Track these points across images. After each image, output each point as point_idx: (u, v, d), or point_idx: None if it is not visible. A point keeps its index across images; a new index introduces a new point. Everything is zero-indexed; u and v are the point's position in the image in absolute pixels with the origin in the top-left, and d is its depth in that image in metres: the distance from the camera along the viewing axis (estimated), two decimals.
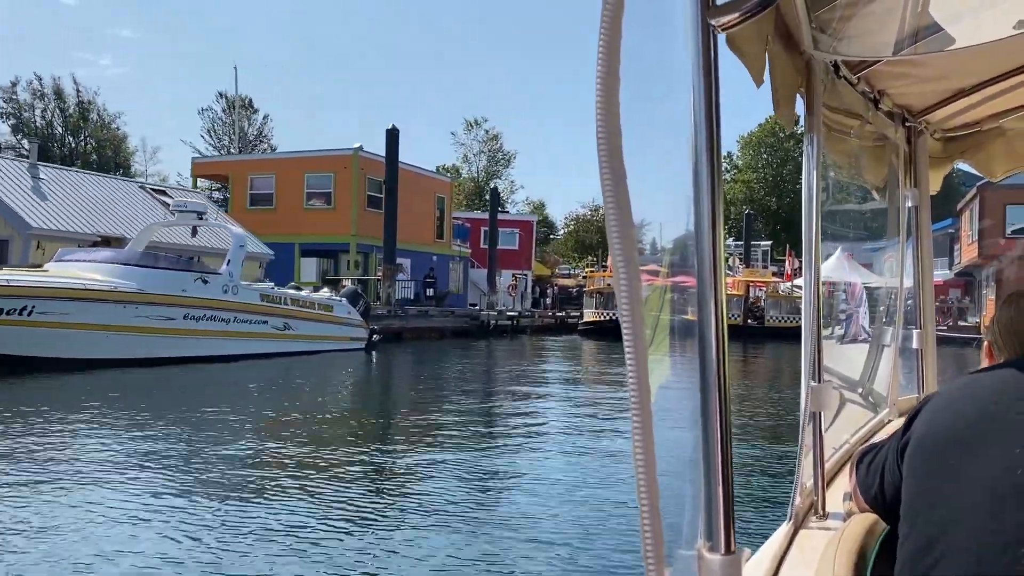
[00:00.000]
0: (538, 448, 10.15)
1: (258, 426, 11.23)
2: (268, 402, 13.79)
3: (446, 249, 39.67)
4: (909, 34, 1.87)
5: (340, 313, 22.29)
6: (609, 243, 0.98)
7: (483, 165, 72.30)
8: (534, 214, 73.91)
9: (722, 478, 1.09)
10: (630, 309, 0.97)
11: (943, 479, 1.25)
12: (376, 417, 12.85)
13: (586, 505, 7.14)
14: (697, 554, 1.10)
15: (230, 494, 7.28)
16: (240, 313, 19.23)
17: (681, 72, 1.13)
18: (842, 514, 1.81)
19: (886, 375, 3.04)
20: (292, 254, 33.80)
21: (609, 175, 0.96)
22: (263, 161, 35.36)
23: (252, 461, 8.78)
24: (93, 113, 63.28)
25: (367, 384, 18.19)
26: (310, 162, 34.41)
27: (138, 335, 17.03)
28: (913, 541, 1.26)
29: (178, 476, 7.83)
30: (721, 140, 1.12)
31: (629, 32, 0.96)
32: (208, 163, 37.93)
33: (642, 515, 0.99)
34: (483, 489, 7.87)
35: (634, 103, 0.99)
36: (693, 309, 1.12)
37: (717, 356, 1.09)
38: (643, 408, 0.98)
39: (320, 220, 33.41)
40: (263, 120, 67.18)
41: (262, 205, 34.74)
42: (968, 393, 1.34)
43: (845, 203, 2.65)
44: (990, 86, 2.52)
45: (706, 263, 1.10)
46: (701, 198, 1.09)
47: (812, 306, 1.99)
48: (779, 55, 1.69)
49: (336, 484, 7.72)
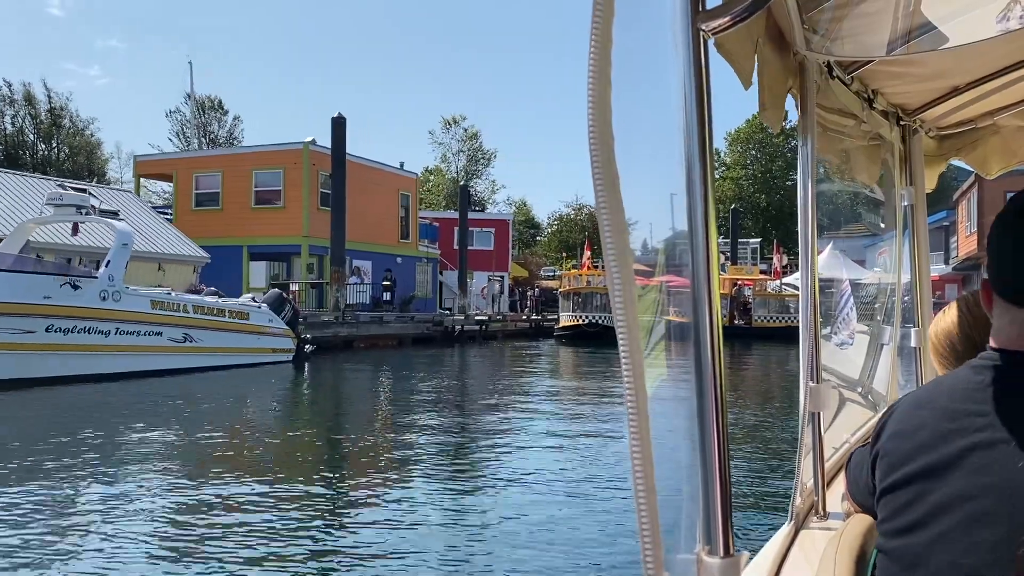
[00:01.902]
0: (491, 483, 8.19)
1: (88, 462, 8.65)
2: (120, 430, 11.02)
3: (412, 250, 37.17)
4: (902, 33, 1.87)
5: (258, 321, 19.51)
6: (603, 248, 0.97)
7: (463, 164, 70.15)
8: (517, 214, 72.17)
9: (719, 481, 1.10)
10: (625, 313, 0.98)
11: (910, 501, 1.19)
12: (269, 449, 10.33)
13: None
14: (696, 558, 1.10)
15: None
16: (124, 323, 16.44)
17: (672, 75, 1.13)
18: (842, 514, 1.78)
19: (885, 374, 3.05)
20: (240, 258, 31.32)
21: (602, 180, 0.96)
22: (208, 158, 32.64)
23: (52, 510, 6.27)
24: (65, 119, 61.60)
25: (276, 405, 15.22)
26: (258, 158, 31.88)
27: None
28: (888, 563, 1.21)
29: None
30: (714, 143, 1.12)
31: (620, 36, 0.96)
32: (151, 161, 35.20)
33: (640, 520, 0.99)
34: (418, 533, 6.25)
35: (625, 107, 0.98)
36: (687, 311, 1.12)
37: (713, 358, 1.09)
38: (640, 412, 0.99)
39: (270, 221, 30.90)
40: (233, 121, 65.18)
41: (208, 205, 32.20)
42: (927, 404, 1.26)
43: (840, 203, 2.76)
44: (984, 83, 2.51)
45: (700, 265, 1.10)
46: (694, 201, 1.10)
47: (809, 307, 2.00)
48: (770, 57, 1.71)
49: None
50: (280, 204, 31.08)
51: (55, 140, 61.52)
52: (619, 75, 0.96)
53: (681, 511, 1.15)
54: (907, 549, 1.16)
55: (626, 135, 0.98)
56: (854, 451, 1.61)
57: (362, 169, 33.75)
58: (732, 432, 12.91)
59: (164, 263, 24.57)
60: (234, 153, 34.12)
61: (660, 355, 1.13)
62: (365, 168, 34.06)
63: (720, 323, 1.11)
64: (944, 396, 1.22)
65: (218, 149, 35.66)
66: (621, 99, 0.96)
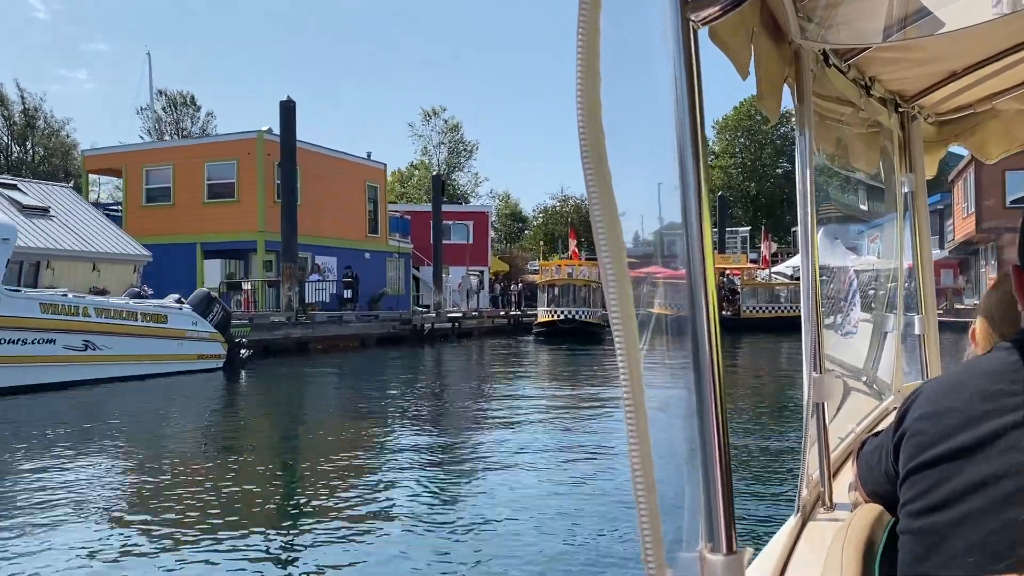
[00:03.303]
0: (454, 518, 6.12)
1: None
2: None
3: (382, 245, 35.22)
4: (898, 19, 1.87)
5: (179, 324, 17.36)
6: (596, 243, 0.98)
7: (444, 157, 68.17)
8: (504, 208, 70.23)
9: (721, 477, 1.08)
10: (620, 308, 0.98)
11: (938, 481, 1.18)
12: (162, 482, 8.45)
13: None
14: (699, 556, 1.09)
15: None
16: (7, 331, 14.35)
17: (661, 66, 1.12)
18: (849, 505, 1.78)
19: (889, 362, 3.03)
20: (194, 256, 29.35)
21: (593, 175, 0.96)
22: (157, 151, 30.56)
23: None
24: (40, 120, 59.73)
25: (187, 424, 13.10)
26: (209, 149, 29.90)
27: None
28: (912, 543, 1.21)
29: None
30: (706, 134, 1.11)
31: (607, 29, 0.96)
32: (100, 156, 33.02)
33: (640, 518, 0.99)
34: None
35: (614, 99, 0.98)
36: (682, 304, 1.11)
37: (710, 351, 1.08)
38: (637, 409, 0.99)
39: (224, 216, 28.89)
40: (206, 117, 63.17)
41: (159, 201, 30.18)
42: (958, 386, 1.25)
43: (839, 191, 2.70)
44: (982, 67, 2.50)
45: (695, 258, 1.09)
46: (688, 193, 1.09)
47: (811, 296, 2.00)
48: (765, 46, 1.70)
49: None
50: (234, 198, 29.09)
51: (29, 142, 59.73)
52: (607, 67, 0.95)
53: (682, 508, 1.13)
54: (933, 528, 1.16)
55: (616, 128, 0.97)
56: (865, 440, 1.61)
57: (324, 159, 31.77)
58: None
59: (100, 263, 22.57)
60: (185, 145, 32.07)
61: (656, 349, 1.11)
62: (327, 158, 32.08)
63: (717, 316, 1.09)
64: (978, 378, 1.22)
65: (168, 141, 33.55)
66: (609, 92, 0.96)
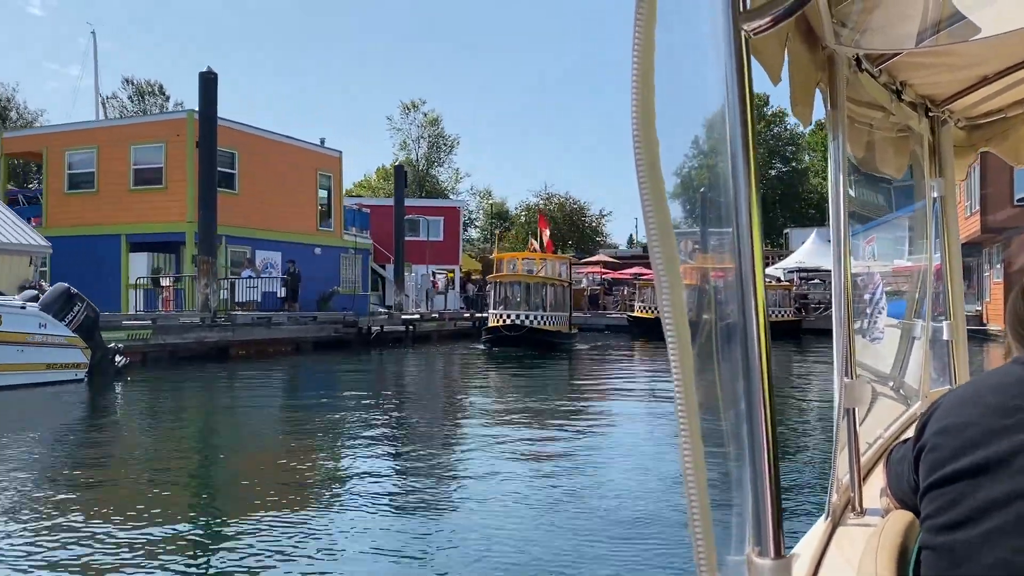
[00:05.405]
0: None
1: None
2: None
3: (335, 239, 32.35)
4: (932, 24, 1.86)
5: (19, 328, 14.26)
6: (650, 253, 0.99)
7: (423, 152, 65.31)
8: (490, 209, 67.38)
9: (769, 482, 1.08)
10: (672, 315, 0.99)
11: (958, 498, 1.18)
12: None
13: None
14: (747, 559, 1.09)
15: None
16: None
17: (711, 76, 1.13)
18: (880, 510, 1.79)
19: (917, 368, 3.02)
20: (119, 249, 26.50)
21: (648, 187, 0.97)
22: (80, 132, 27.58)
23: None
24: (12, 111, 57.39)
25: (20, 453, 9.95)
26: (136, 130, 26.99)
27: None
28: (935, 559, 1.21)
29: None
30: (757, 142, 1.14)
31: (660, 39, 0.97)
32: (18, 139, 30.11)
33: (691, 521, 1.00)
34: None
35: (664, 107, 0.99)
36: (732, 310, 1.11)
37: (760, 357, 1.09)
38: (690, 412, 0.99)
39: (150, 204, 25.98)
40: (175, 107, 60.33)
41: (83, 188, 27.29)
42: (976, 399, 1.25)
43: (869, 195, 2.68)
44: (1014, 72, 2.49)
45: (747, 265, 1.10)
46: (740, 202, 1.10)
47: (842, 301, 2.00)
48: (799, 52, 1.70)
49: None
50: (161, 185, 26.22)
51: (1, 133, 57.35)
52: (659, 76, 0.97)
53: (731, 511, 1.13)
54: (954, 545, 1.15)
55: (667, 138, 0.98)
56: (894, 446, 1.61)
57: (268, 144, 28.92)
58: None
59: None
60: (109, 126, 29.07)
61: (706, 354, 1.11)
62: (272, 143, 29.23)
63: (766, 322, 1.10)
64: (993, 392, 1.20)
65: (91, 121, 30.59)
66: (660, 99, 0.97)
